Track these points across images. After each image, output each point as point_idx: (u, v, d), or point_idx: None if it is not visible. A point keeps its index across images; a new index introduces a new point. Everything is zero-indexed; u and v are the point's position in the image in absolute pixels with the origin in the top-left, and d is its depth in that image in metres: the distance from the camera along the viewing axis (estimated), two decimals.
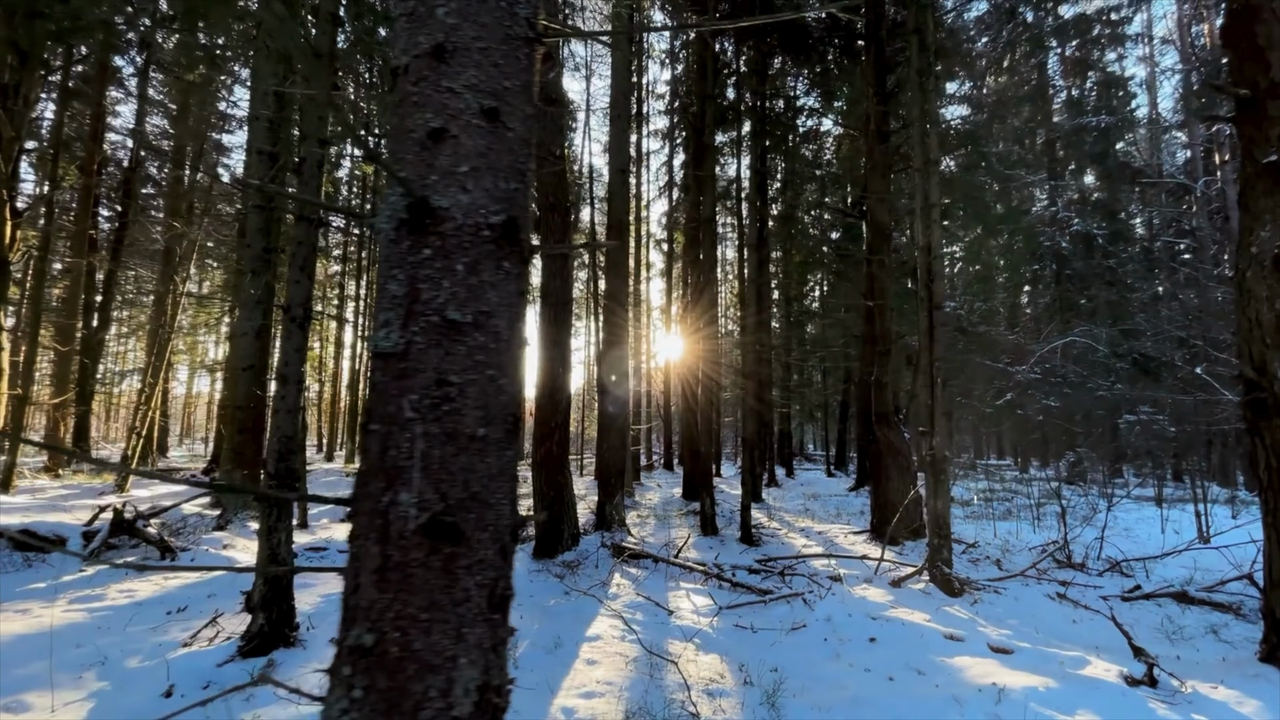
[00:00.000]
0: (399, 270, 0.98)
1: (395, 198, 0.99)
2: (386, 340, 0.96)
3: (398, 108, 1.03)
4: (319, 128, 4.36)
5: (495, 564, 0.98)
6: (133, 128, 19.56)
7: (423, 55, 1.01)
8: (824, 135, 18.10)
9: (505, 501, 1.01)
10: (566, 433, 6.82)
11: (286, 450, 4.06)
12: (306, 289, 4.23)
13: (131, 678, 3.55)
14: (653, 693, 3.32)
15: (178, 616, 4.70)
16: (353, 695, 0.89)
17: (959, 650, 4.00)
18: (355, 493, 0.98)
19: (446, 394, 0.96)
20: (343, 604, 0.96)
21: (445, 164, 0.99)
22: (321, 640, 4.10)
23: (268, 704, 3.21)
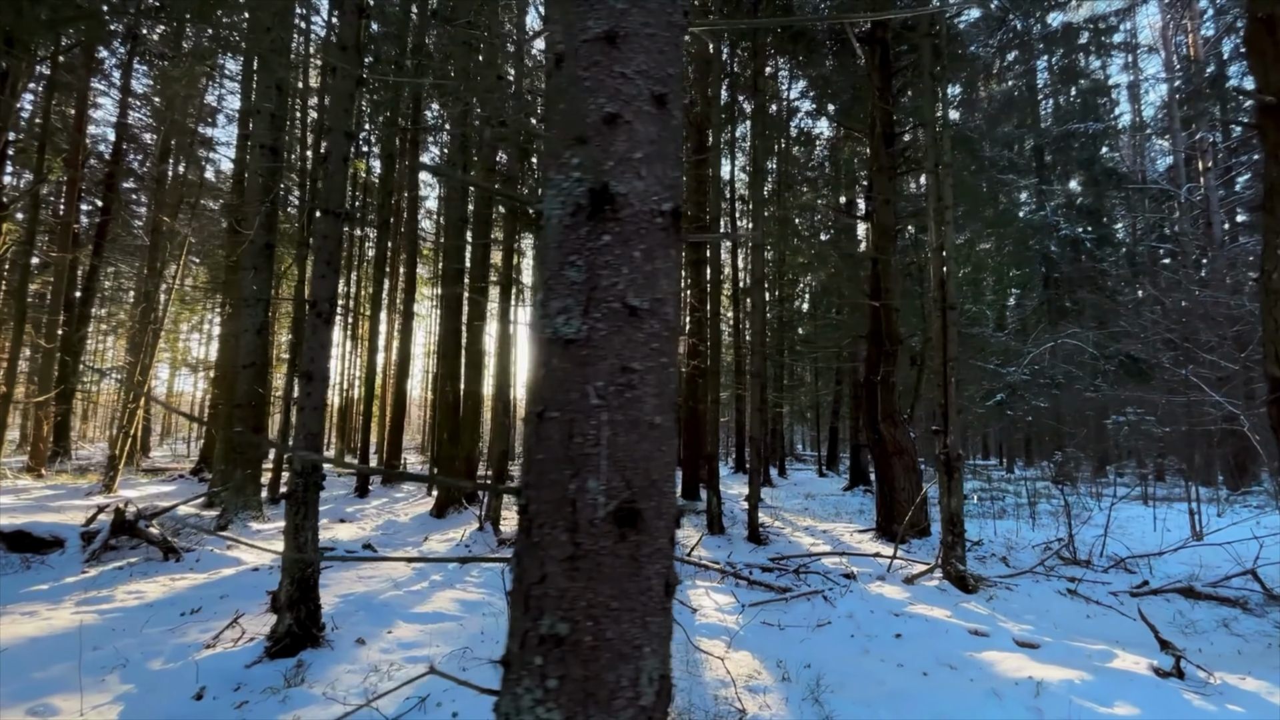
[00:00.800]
0: (576, 256, 0.97)
1: (569, 183, 0.98)
2: (568, 326, 0.95)
3: (565, 92, 1.02)
4: (344, 120, 4.31)
5: (668, 552, 0.97)
6: (116, 120, 19.15)
7: (594, 40, 1.00)
8: (817, 137, 18.25)
9: (672, 490, 1.00)
10: None
11: (313, 448, 4.00)
12: (332, 284, 4.17)
13: (158, 680, 3.47)
14: (695, 690, 3.32)
15: (192, 618, 4.61)
16: (547, 685, 0.88)
17: (985, 645, 4.05)
18: (529, 480, 0.97)
19: (629, 381, 0.95)
20: (521, 593, 0.94)
21: (621, 150, 0.98)
22: (348, 640, 4.04)
23: (306, 705, 3.15)
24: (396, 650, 3.97)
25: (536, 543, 0.93)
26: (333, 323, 4.20)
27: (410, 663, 3.72)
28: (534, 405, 0.98)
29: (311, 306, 4.08)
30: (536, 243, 1.03)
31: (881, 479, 8.15)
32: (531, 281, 1.01)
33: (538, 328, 1.00)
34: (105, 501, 11.39)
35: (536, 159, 13.68)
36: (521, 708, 0.88)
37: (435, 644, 4.08)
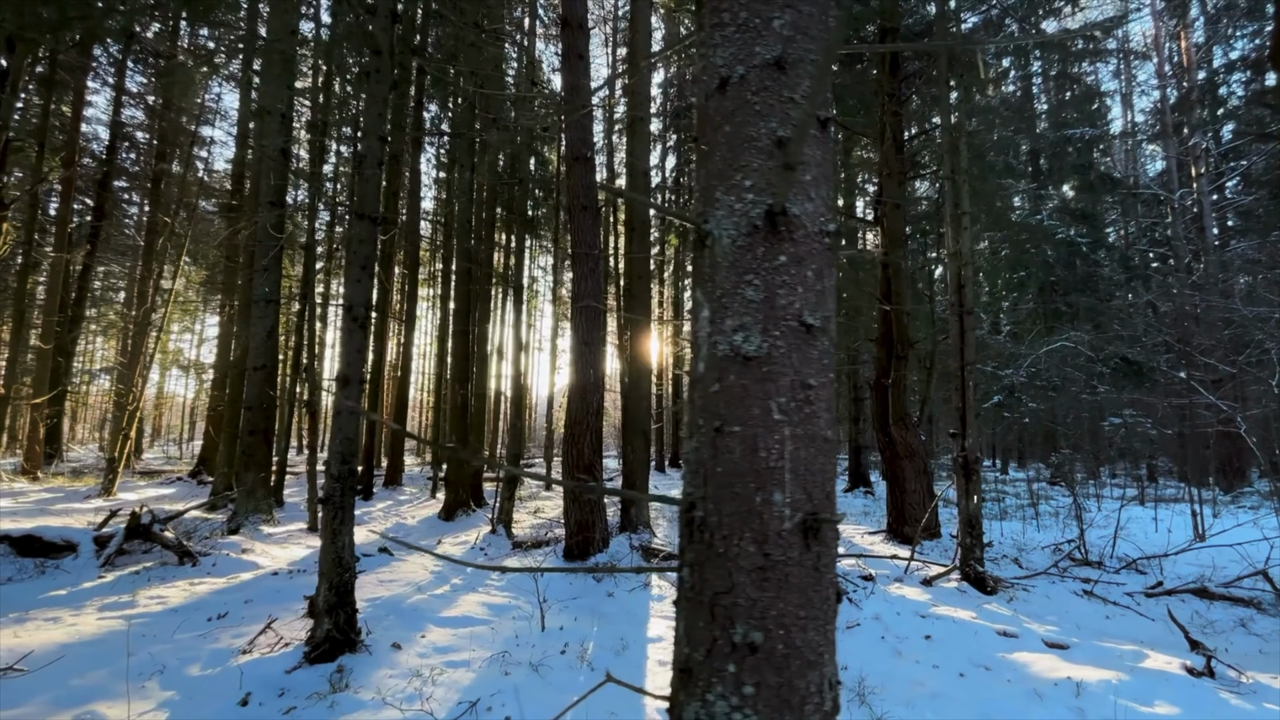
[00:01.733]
0: (754, 276, 1.00)
1: (743, 204, 1.01)
2: (748, 343, 0.98)
3: (732, 116, 1.05)
4: (379, 124, 4.31)
5: (835, 562, 1.00)
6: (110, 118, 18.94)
7: (763, 66, 1.03)
8: None
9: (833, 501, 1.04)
10: (599, 433, 6.81)
11: (349, 452, 4.00)
12: (368, 288, 4.17)
13: (199, 686, 3.46)
14: None
15: (220, 623, 4.58)
16: (743, 692, 0.90)
17: (1016, 646, 4.11)
18: (706, 492, 0.99)
19: (808, 396, 0.98)
20: (704, 602, 0.97)
21: (794, 172, 1.02)
22: (384, 645, 4.04)
23: (356, 710, 3.15)
24: (433, 655, 3.97)
25: (722, 553, 0.96)
26: (369, 327, 4.20)
27: (450, 667, 3.72)
28: (710, 420, 1.01)
29: (347, 310, 4.08)
30: (695, 259, 1.05)
31: (892, 481, 8.22)
32: (691, 297, 1.03)
33: (708, 344, 1.03)
34: (105, 504, 11.30)
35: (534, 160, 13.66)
36: (716, 713, 0.91)
37: (471, 648, 4.08)
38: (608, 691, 3.37)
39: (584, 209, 6.87)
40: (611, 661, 3.83)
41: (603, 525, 6.77)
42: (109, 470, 12.55)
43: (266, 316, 8.38)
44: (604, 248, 16.68)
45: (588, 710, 3.13)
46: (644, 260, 8.15)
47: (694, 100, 16.10)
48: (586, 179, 6.93)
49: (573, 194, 6.92)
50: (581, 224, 6.85)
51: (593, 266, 6.86)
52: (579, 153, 6.89)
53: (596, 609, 4.94)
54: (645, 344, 8.05)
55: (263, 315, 8.37)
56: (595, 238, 6.95)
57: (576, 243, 6.87)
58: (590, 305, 6.84)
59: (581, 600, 5.21)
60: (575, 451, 6.67)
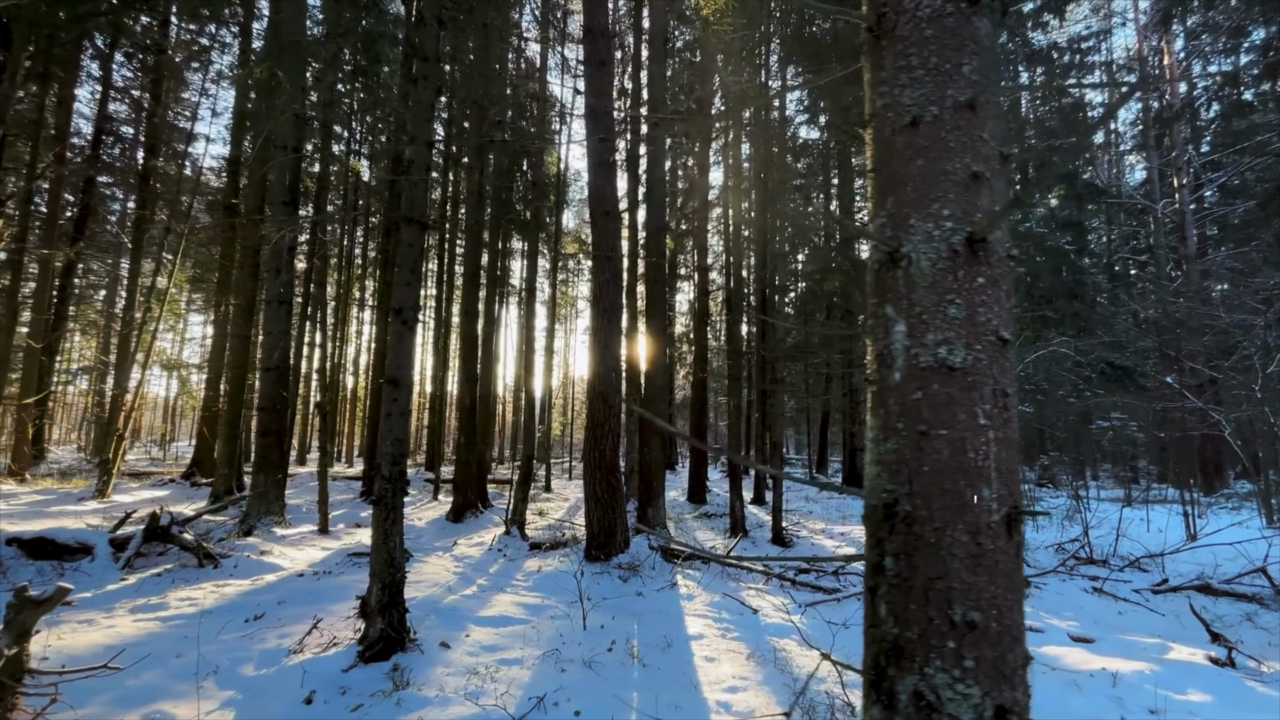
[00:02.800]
0: (955, 295, 1.11)
1: (942, 231, 1.12)
2: (954, 356, 1.09)
3: (926, 151, 1.16)
4: (427, 129, 4.37)
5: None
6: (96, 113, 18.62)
7: (955, 107, 1.15)
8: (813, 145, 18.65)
9: None
10: (619, 435, 6.90)
11: (400, 453, 4.05)
12: (415, 291, 4.22)
13: (258, 685, 3.49)
14: (789, 687, 3.47)
15: (259, 624, 4.59)
16: (964, 665, 1.01)
17: (1043, 640, 4.28)
18: (913, 488, 1.10)
19: (1005, 404, 1.09)
20: (917, 587, 1.07)
21: (985, 204, 1.13)
22: (432, 644, 4.09)
23: (423, 707, 3.21)
24: (482, 653, 4.03)
25: (934, 543, 1.06)
26: (415, 329, 4.26)
27: (504, 665, 3.79)
28: (912, 424, 1.12)
29: (396, 313, 4.14)
30: (879, 278, 1.16)
31: None
32: (869, 311, 1.14)
33: (905, 355, 1.14)
34: (100, 507, 11.14)
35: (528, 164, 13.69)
36: (938, 685, 1.01)
37: (519, 647, 4.15)
38: (671, 684, 3.47)
39: (606, 214, 6.97)
40: (659, 658, 3.92)
41: (624, 526, 6.86)
42: (102, 472, 12.34)
43: (279, 317, 8.35)
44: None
45: (659, 708, 3.22)
46: (659, 265, 8.26)
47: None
48: (609, 183, 7.02)
49: (595, 198, 7.02)
50: (604, 228, 6.94)
51: (615, 270, 6.95)
52: (602, 157, 6.99)
53: (630, 608, 5.03)
54: (661, 346, 8.16)
55: (275, 316, 8.33)
56: (617, 241, 7.05)
57: (598, 246, 6.96)
58: (612, 307, 6.93)
59: (614, 600, 5.29)
60: (598, 453, 6.76)
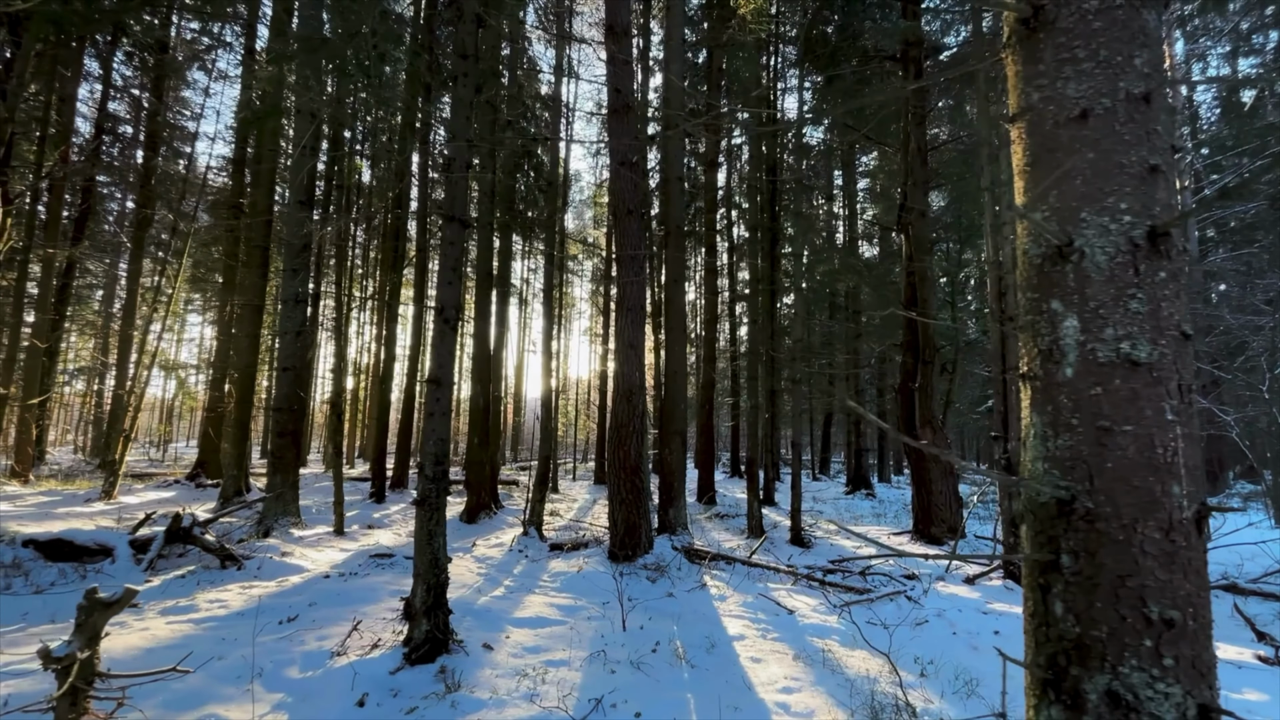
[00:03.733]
0: (1136, 290, 1.10)
1: (1120, 225, 1.11)
2: (1138, 351, 1.08)
3: (1098, 144, 1.15)
4: (466, 128, 4.35)
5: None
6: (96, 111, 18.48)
7: (1130, 99, 1.14)
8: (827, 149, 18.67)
9: None
10: (643, 435, 6.88)
11: (442, 453, 4.02)
12: (457, 290, 4.19)
13: (306, 688, 3.45)
14: (843, 687, 3.45)
15: (293, 626, 4.55)
16: (1163, 664, 1.00)
17: None
18: (1097, 485, 1.09)
19: (1189, 399, 1.08)
20: (1106, 584, 1.06)
21: (1163, 197, 1.12)
22: (475, 645, 4.06)
23: (478, 709, 3.18)
24: (525, 654, 4.00)
25: (1122, 540, 1.05)
26: (457, 329, 4.22)
27: (550, 666, 3.76)
28: (1090, 420, 1.10)
29: (439, 313, 4.10)
30: (1044, 272, 1.15)
31: (918, 483, 8.42)
32: (1025, 307, 1.13)
33: (1079, 350, 1.13)
34: (107, 508, 11.04)
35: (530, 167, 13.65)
36: (1134, 684, 1.00)
37: (559, 648, 4.12)
38: (724, 685, 3.45)
39: (629, 213, 6.95)
40: (705, 659, 3.90)
41: (648, 527, 6.84)
42: (109, 473, 12.24)
43: (295, 317, 8.29)
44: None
45: (720, 709, 3.20)
46: (679, 260, 8.25)
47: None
48: (633, 183, 7.00)
49: (618, 198, 7.00)
50: (627, 228, 6.92)
51: (638, 270, 6.93)
52: (625, 158, 6.97)
53: (665, 609, 5.00)
54: (681, 346, 8.15)
55: (291, 315, 8.27)
56: (641, 241, 7.03)
57: (622, 246, 6.94)
58: (634, 308, 6.91)
59: (647, 601, 5.26)
60: (622, 453, 6.73)
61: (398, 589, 5.63)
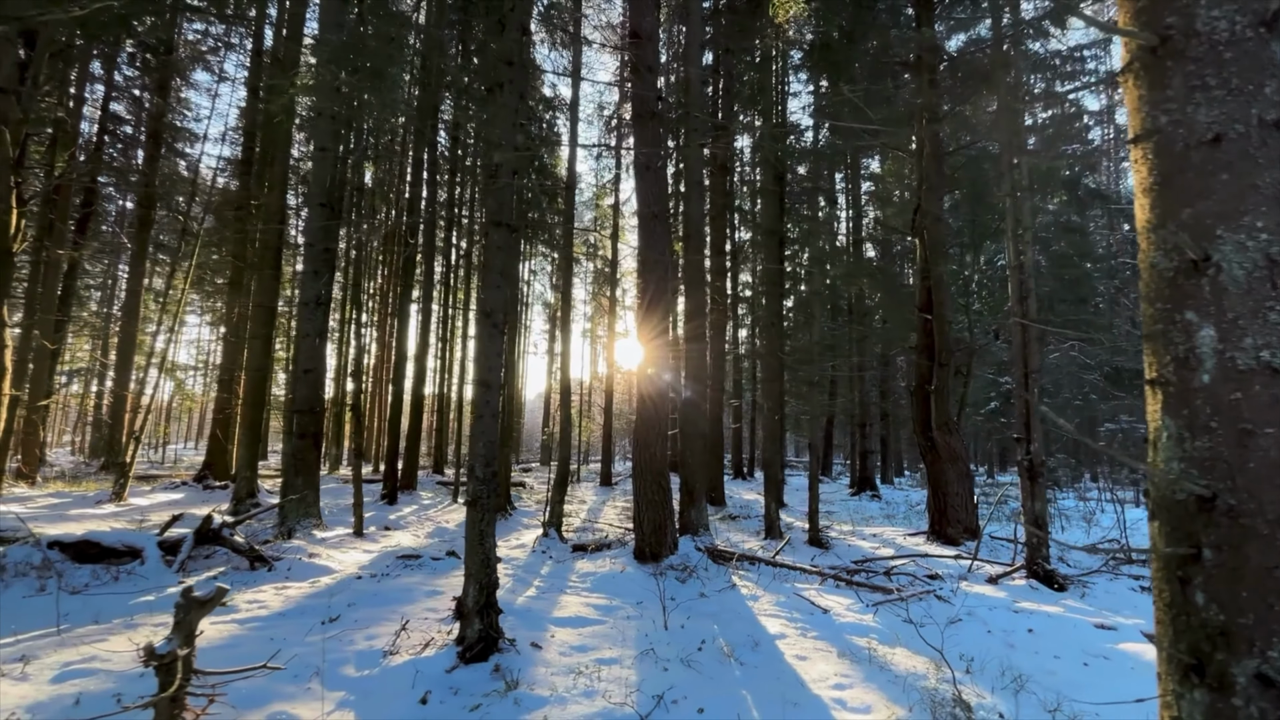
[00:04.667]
0: (1274, 302, 1.18)
1: (1257, 242, 1.19)
2: (1278, 359, 1.16)
3: (1232, 166, 1.23)
4: (511, 134, 4.41)
5: None
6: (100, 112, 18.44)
7: (1262, 125, 1.22)
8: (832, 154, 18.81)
9: None
10: (668, 438, 6.95)
11: (492, 455, 4.08)
12: (504, 293, 4.26)
13: (366, 686, 3.50)
14: (893, 683, 3.53)
15: (335, 626, 4.59)
16: None
17: (1119, 638, 4.39)
18: (1238, 484, 1.17)
19: None
20: (1249, 575, 1.14)
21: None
22: (524, 645, 4.12)
23: (540, 706, 3.24)
24: (574, 653, 4.06)
25: (1266, 535, 1.13)
26: (504, 331, 4.29)
27: (602, 664, 3.82)
28: (1231, 423, 1.19)
29: (486, 316, 4.17)
30: (1177, 285, 1.23)
31: (935, 484, 8.53)
32: (1159, 316, 1.21)
33: (1217, 358, 1.21)
34: (118, 509, 11.02)
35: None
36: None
37: (606, 646, 4.18)
38: (776, 682, 3.52)
39: (654, 217, 7.03)
40: (752, 657, 3.97)
41: (673, 528, 6.91)
42: (119, 474, 12.23)
43: (316, 319, 8.32)
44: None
45: (781, 706, 3.27)
46: (698, 264, 8.33)
47: None
48: (657, 187, 7.09)
49: (644, 202, 7.07)
50: (653, 232, 7.00)
51: (663, 274, 7.01)
52: (650, 161, 7.05)
53: (701, 609, 5.08)
54: (703, 349, 8.22)
55: (312, 317, 8.30)
56: (667, 245, 7.11)
57: (648, 250, 7.02)
58: (664, 311, 6.99)
59: (681, 602, 5.32)
60: (648, 455, 6.80)
61: (431, 589, 5.68)
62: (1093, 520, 11.32)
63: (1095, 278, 20.12)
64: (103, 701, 3.16)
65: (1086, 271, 19.65)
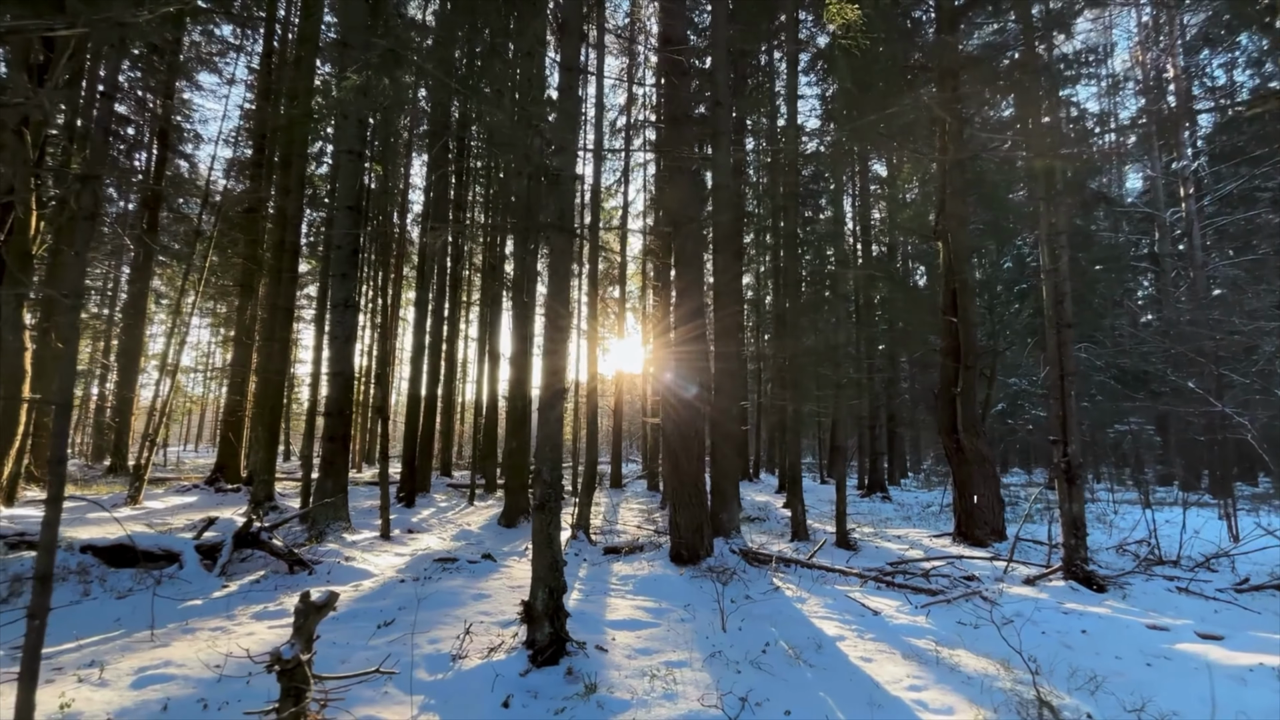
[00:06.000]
0: None
1: None
2: None
3: None
4: (573, 140, 4.43)
5: None
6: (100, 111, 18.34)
7: None
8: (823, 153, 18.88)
9: None
10: (705, 441, 6.97)
11: (557, 459, 4.09)
12: (568, 298, 4.27)
13: (444, 690, 3.50)
14: (967, 684, 3.57)
15: (391, 630, 4.59)
16: None
17: (1173, 639, 4.44)
18: None
19: None
20: None
21: None
22: (590, 647, 4.12)
23: (624, 709, 3.25)
24: (638, 656, 4.07)
25: None
26: (569, 335, 4.30)
27: (671, 667, 3.84)
28: None
29: (553, 320, 4.18)
30: None
31: (960, 486, 8.59)
32: None
33: None
34: (134, 513, 10.99)
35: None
36: None
37: (668, 649, 4.20)
38: (849, 683, 3.55)
39: (690, 220, 7.06)
40: (818, 659, 4.00)
41: (709, 531, 6.93)
42: (134, 478, 12.21)
43: (345, 322, 8.30)
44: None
45: (867, 708, 3.30)
46: (733, 269, 8.36)
47: None
48: (692, 191, 7.11)
49: (678, 206, 7.10)
50: (688, 234, 7.03)
51: (698, 278, 7.03)
52: (684, 165, 7.08)
53: (754, 612, 5.10)
54: (733, 351, 8.26)
55: (341, 320, 8.29)
56: (701, 247, 7.14)
57: (682, 252, 7.04)
58: (696, 313, 7.01)
59: (730, 605, 5.34)
60: (684, 459, 6.82)
61: (477, 593, 5.68)
62: (1107, 521, 11.41)
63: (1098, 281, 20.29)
64: (188, 707, 3.15)
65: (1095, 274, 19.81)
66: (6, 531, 7.34)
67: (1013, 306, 20.96)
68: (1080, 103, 23.43)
